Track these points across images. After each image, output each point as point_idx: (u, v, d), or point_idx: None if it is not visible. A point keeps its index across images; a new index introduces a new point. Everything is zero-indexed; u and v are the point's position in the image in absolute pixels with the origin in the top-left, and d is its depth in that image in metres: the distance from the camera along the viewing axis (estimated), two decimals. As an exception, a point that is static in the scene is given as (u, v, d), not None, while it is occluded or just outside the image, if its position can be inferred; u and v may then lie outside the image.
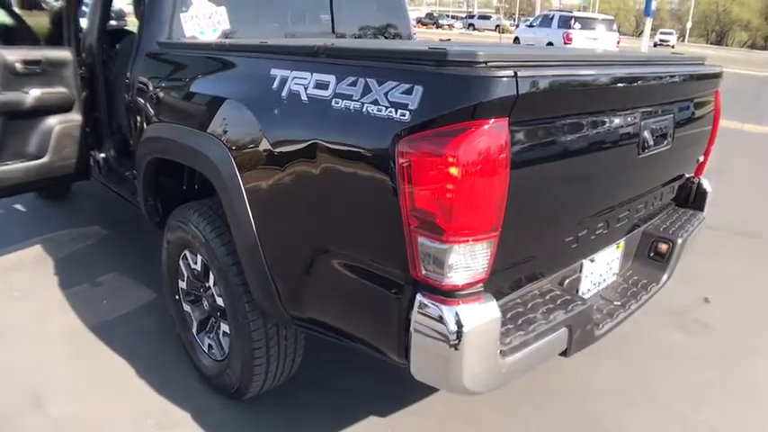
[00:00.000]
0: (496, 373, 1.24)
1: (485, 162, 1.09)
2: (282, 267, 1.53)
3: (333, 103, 1.30)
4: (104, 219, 3.78)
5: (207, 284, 2.00)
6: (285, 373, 1.92)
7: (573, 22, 17.11)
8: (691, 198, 2.27)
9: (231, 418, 1.98)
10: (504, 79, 1.09)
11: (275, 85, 1.47)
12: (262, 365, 1.81)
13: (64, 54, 2.72)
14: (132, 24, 4.20)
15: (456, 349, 1.15)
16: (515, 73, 1.09)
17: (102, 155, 2.92)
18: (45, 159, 2.74)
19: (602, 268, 1.82)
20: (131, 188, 2.62)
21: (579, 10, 30.82)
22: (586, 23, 17.27)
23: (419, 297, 1.18)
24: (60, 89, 2.73)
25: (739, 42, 49.68)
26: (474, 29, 40.73)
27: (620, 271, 1.96)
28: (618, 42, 17.50)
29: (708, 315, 2.82)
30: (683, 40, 43.26)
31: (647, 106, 1.61)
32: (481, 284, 1.20)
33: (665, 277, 1.98)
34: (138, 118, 2.23)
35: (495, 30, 36.18)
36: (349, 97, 1.26)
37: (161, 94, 2.03)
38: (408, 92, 1.15)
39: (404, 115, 1.15)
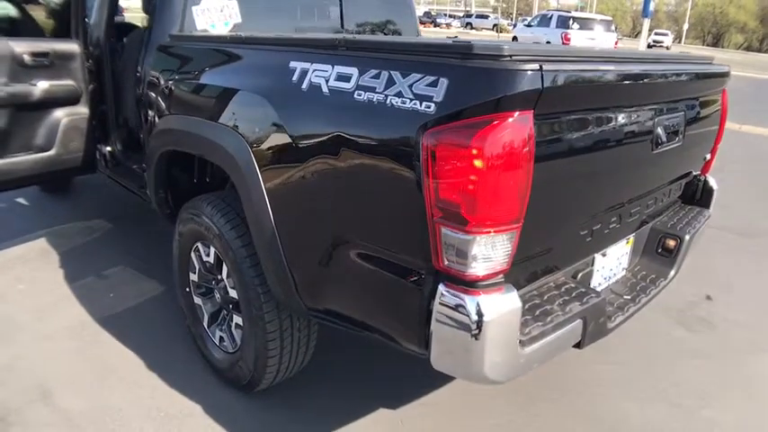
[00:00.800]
0: (516, 363, 1.26)
1: (510, 154, 1.11)
2: (300, 259, 1.55)
3: (355, 95, 1.31)
4: (109, 212, 3.77)
5: (219, 277, 2.00)
6: (297, 364, 1.93)
7: (571, 22, 17.19)
8: (697, 195, 2.30)
9: (242, 410, 1.99)
10: (530, 72, 1.10)
11: (295, 77, 1.48)
12: (275, 357, 1.82)
13: (72, 47, 2.71)
14: (132, 19, 4.19)
15: (477, 339, 1.16)
16: (541, 66, 1.10)
17: (108, 148, 2.92)
18: (52, 152, 2.74)
19: (612, 263, 1.84)
20: (139, 181, 2.62)
21: (577, 10, 30.91)
22: (585, 24, 17.35)
23: (441, 287, 1.19)
24: (68, 82, 2.72)
25: (735, 44, 49.97)
26: (472, 28, 40.79)
27: (629, 266, 1.98)
28: (616, 43, 17.59)
29: (710, 312, 2.86)
30: (680, 42, 43.47)
31: (661, 103, 1.64)
32: (502, 275, 1.22)
33: (672, 272, 2.00)
34: (150, 111, 2.23)
35: (492, 29, 36.23)
36: (372, 89, 1.27)
37: (175, 87, 2.03)
38: (433, 84, 1.16)
39: (429, 107, 1.16)
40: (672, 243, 2.03)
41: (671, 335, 2.63)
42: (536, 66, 1.11)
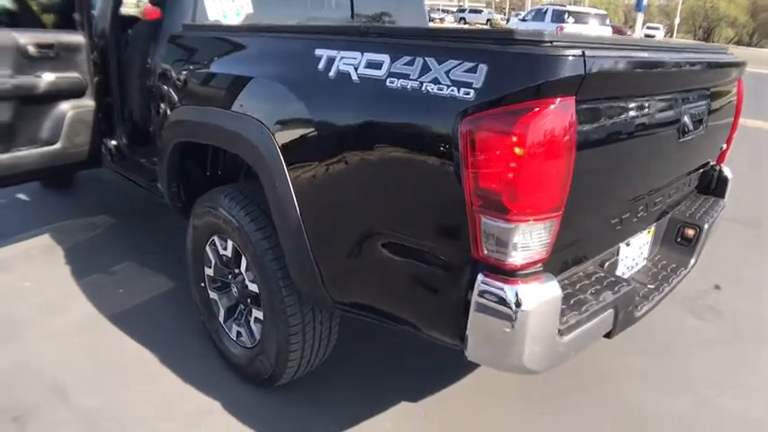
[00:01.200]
0: (554, 353, 1.25)
1: (552, 141, 1.09)
2: (327, 251, 1.52)
3: (387, 83, 1.28)
4: (112, 207, 3.72)
5: (237, 270, 1.97)
6: (319, 358, 1.91)
7: (566, 16, 17.21)
8: (712, 185, 2.30)
9: (261, 405, 1.96)
10: (572, 58, 1.09)
11: (321, 65, 1.45)
12: (297, 351, 1.80)
13: (77, 38, 2.66)
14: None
15: (518, 329, 1.15)
16: (583, 52, 1.09)
17: (114, 142, 2.87)
18: (58, 146, 2.69)
19: (635, 252, 1.84)
20: (149, 175, 2.58)
21: (571, 4, 30.94)
22: (580, 18, 17.39)
23: (480, 277, 1.18)
24: (73, 74, 2.67)
25: (726, 39, 50.27)
26: (465, 22, 40.69)
27: (649, 256, 1.98)
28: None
29: (720, 302, 2.88)
30: (672, 36, 43.65)
31: (687, 91, 1.63)
32: (541, 264, 1.21)
33: (692, 261, 2.01)
34: (162, 103, 2.19)
35: (486, 23, 36.19)
36: (405, 76, 1.25)
37: (190, 77, 1.99)
38: (472, 70, 1.14)
39: (467, 94, 1.14)
40: (691, 232, 2.03)
41: (685, 324, 2.64)
42: (578, 51, 1.09)
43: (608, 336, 1.49)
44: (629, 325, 1.57)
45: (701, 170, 2.18)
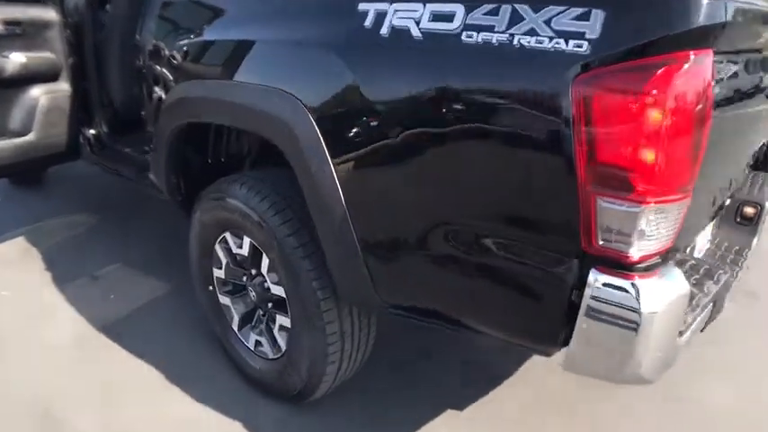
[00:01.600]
0: (672, 357, 1.06)
1: (689, 102, 0.88)
2: (381, 248, 1.28)
3: (463, 38, 1.04)
4: (95, 203, 3.37)
5: (254, 272, 1.72)
6: (355, 368, 1.69)
7: None
8: (760, 159, 2.14)
9: (291, 421, 1.73)
10: (708, 1, 0.87)
11: (368, 22, 1.19)
12: (335, 363, 1.56)
13: (48, 13, 2.33)
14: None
15: (642, 335, 0.94)
16: None
17: (93, 131, 2.56)
18: (31, 136, 2.36)
19: (704, 235, 1.67)
20: (136, 165, 2.30)
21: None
22: None
23: (593, 274, 0.96)
24: (45, 54, 2.34)
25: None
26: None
27: (711, 238, 1.81)
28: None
29: (751, 284, 2.75)
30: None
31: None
32: (659, 256, 1.00)
33: (755, 241, 1.85)
34: (157, 83, 1.89)
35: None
36: (489, 29, 1.01)
37: (192, 48, 1.69)
38: (584, 17, 0.91)
39: (580, 46, 0.91)
40: (751, 211, 1.87)
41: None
42: None
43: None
44: (717, 316, 1.39)
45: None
